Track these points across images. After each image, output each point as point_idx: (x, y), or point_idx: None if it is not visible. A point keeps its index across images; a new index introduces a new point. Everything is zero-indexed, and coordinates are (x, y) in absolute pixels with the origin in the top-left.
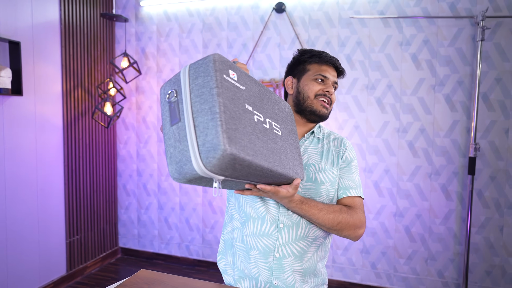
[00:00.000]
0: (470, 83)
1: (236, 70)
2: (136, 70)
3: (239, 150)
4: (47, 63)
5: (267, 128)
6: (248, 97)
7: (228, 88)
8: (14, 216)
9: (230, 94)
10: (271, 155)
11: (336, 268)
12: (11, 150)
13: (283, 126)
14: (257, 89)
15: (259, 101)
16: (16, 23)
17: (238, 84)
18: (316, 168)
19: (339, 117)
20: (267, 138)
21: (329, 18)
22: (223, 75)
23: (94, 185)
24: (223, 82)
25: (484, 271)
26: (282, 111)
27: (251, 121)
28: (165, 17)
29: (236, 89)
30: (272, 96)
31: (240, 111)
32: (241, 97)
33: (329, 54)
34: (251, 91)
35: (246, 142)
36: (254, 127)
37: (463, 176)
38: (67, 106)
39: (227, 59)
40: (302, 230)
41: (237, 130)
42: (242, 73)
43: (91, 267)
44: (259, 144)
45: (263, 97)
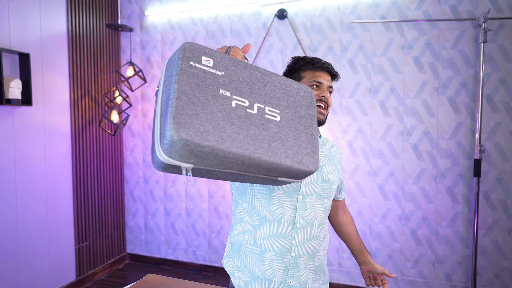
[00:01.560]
0: (474, 85)
1: (215, 56)
2: (141, 78)
3: (193, 135)
4: (55, 74)
5: (252, 113)
6: (227, 82)
7: (194, 75)
8: (25, 224)
9: (195, 80)
10: (252, 141)
11: (343, 272)
12: (22, 159)
13: (288, 111)
14: (247, 74)
15: (246, 86)
16: (26, 35)
17: (213, 70)
18: (327, 170)
19: (343, 121)
20: (249, 123)
21: (331, 23)
22: (190, 62)
23: (102, 192)
24: (187, 69)
25: (493, 274)
26: (291, 95)
27: (225, 106)
28: (169, 25)
29: (208, 75)
30: (275, 79)
31: (207, 96)
32: (213, 82)
33: (322, 60)
34: (234, 76)
35: (208, 128)
36: (228, 112)
37: (469, 178)
38: (75, 115)
39: (201, 46)
40: (315, 230)
41: (196, 115)
42: (224, 59)
43: (100, 273)
44: (231, 130)
45: (256, 81)
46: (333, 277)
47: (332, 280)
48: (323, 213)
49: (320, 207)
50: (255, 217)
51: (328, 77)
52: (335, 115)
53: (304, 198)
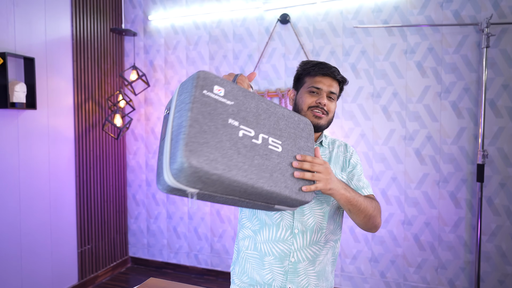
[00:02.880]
0: (477, 90)
1: (226, 86)
2: (144, 82)
3: (203, 163)
4: (59, 77)
5: (257, 144)
6: (236, 112)
7: (207, 103)
8: (28, 227)
9: (208, 109)
10: (256, 171)
11: (345, 277)
12: (26, 162)
13: (288, 142)
14: (254, 105)
15: (253, 116)
16: (31, 40)
17: (224, 99)
18: None
19: (345, 126)
20: (254, 153)
21: (333, 28)
22: (203, 90)
23: (105, 195)
24: (200, 98)
25: (496, 280)
26: (292, 126)
27: (233, 136)
28: (172, 30)
29: (219, 104)
30: (279, 111)
31: (218, 125)
32: (224, 112)
33: (328, 64)
34: (243, 106)
35: (217, 156)
36: (235, 141)
37: (472, 183)
38: (79, 119)
39: (214, 75)
40: (315, 235)
41: (206, 144)
42: (234, 89)
43: (102, 276)
44: (238, 159)
45: (262, 112)
46: (336, 282)
47: (335, 285)
48: (323, 218)
49: (319, 212)
50: (255, 222)
51: (330, 82)
52: (338, 119)
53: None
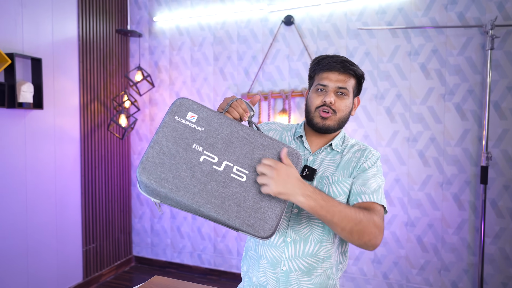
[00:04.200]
0: (481, 92)
1: (201, 113)
2: (149, 83)
3: (152, 180)
4: (66, 78)
5: (217, 170)
6: (203, 137)
7: (174, 128)
8: (34, 226)
9: (174, 133)
10: (206, 196)
11: (348, 278)
12: (32, 161)
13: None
14: (227, 132)
15: (222, 144)
16: (38, 40)
17: (194, 126)
18: (329, 181)
19: (349, 127)
20: (210, 179)
21: (337, 29)
22: (174, 116)
23: (109, 194)
24: (170, 123)
25: (500, 283)
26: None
27: (192, 160)
28: (177, 31)
29: (188, 130)
30: (258, 141)
31: (179, 149)
32: (190, 137)
33: (337, 57)
34: (214, 133)
35: (168, 176)
36: (193, 165)
37: (475, 185)
38: (84, 119)
39: (192, 102)
40: (311, 246)
41: (161, 164)
42: (210, 116)
43: (106, 275)
44: (189, 182)
45: (235, 140)
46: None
47: None
48: (322, 230)
49: (318, 223)
50: None
51: (339, 77)
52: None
53: (300, 212)
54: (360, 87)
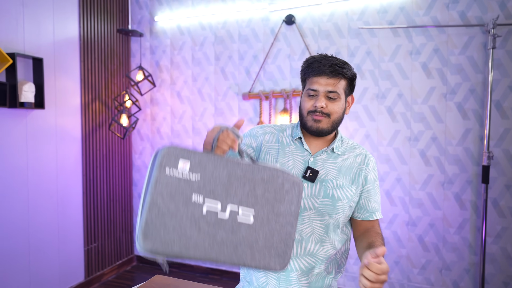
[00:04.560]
0: (482, 91)
1: (193, 158)
2: (150, 82)
3: (158, 246)
4: (67, 78)
5: (223, 219)
6: (202, 186)
7: (168, 184)
8: (36, 225)
9: (169, 189)
10: (217, 247)
11: (349, 278)
12: (34, 161)
13: (264, 210)
14: (225, 174)
15: (222, 187)
16: (39, 40)
17: (189, 175)
18: (333, 185)
19: (350, 127)
20: (218, 229)
21: (339, 29)
22: (165, 170)
23: (111, 194)
24: (161, 179)
25: (501, 282)
26: (272, 191)
27: (195, 214)
28: (178, 31)
29: (183, 182)
30: (257, 176)
31: (179, 205)
32: (187, 188)
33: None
34: (211, 178)
35: (174, 238)
36: (197, 219)
37: (477, 184)
38: (86, 118)
39: (180, 149)
40: (311, 246)
41: (164, 226)
42: (203, 160)
43: (108, 274)
44: (198, 237)
45: (234, 180)
46: (339, 282)
47: (338, 285)
48: (323, 231)
49: (320, 223)
50: None
51: (328, 81)
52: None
53: (302, 212)
54: (353, 86)
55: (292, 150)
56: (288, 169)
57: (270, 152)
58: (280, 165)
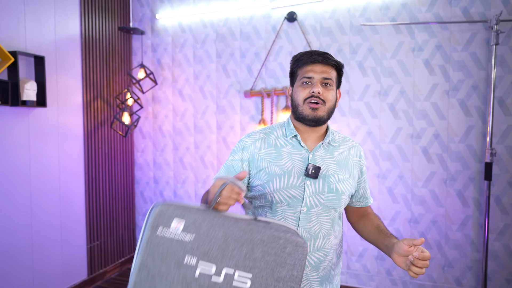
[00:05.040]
0: (485, 88)
1: (188, 217)
2: (152, 80)
3: None
4: (69, 76)
5: (217, 283)
6: (195, 247)
7: (159, 244)
8: (39, 223)
9: (160, 249)
10: None
11: (351, 275)
12: (36, 159)
13: (263, 274)
14: (221, 234)
15: (217, 249)
16: (41, 39)
17: (182, 236)
18: (336, 179)
19: (352, 124)
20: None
21: (340, 26)
22: (157, 230)
23: (113, 192)
24: (152, 239)
25: (504, 279)
26: (273, 253)
27: (187, 277)
28: (179, 28)
29: (175, 243)
30: (257, 237)
31: (170, 267)
32: (180, 249)
33: (317, 50)
34: (206, 239)
35: None
36: (189, 283)
37: (479, 181)
38: (88, 116)
39: (175, 206)
40: (319, 242)
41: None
42: (198, 220)
43: (111, 271)
44: None
45: (231, 242)
46: (342, 279)
47: (341, 283)
48: (329, 225)
49: (327, 218)
50: None
51: (322, 68)
52: (344, 117)
53: (309, 210)
54: (340, 79)
55: (289, 150)
56: (287, 170)
57: (265, 158)
58: (278, 168)
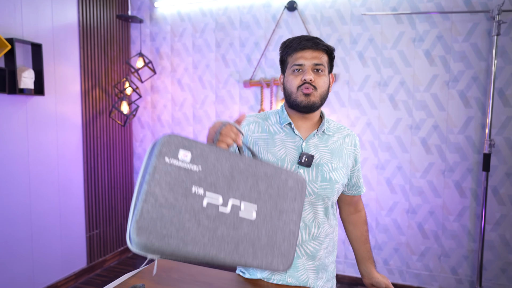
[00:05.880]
0: (485, 79)
1: (195, 149)
2: (151, 69)
3: (153, 240)
4: (67, 64)
5: (224, 213)
6: (202, 177)
7: (167, 173)
8: (38, 212)
9: (168, 178)
10: (218, 243)
11: (349, 264)
12: (35, 147)
13: (267, 206)
14: (227, 167)
15: (224, 181)
16: (38, 26)
17: (190, 166)
18: (329, 168)
19: (351, 114)
20: (219, 224)
21: (341, 15)
22: (165, 158)
23: (112, 181)
24: (160, 167)
25: (499, 269)
26: (275, 187)
27: (194, 206)
28: (178, 17)
29: (183, 172)
30: (260, 170)
31: (177, 196)
32: (187, 179)
33: (307, 36)
34: (213, 170)
35: (171, 231)
36: (197, 212)
37: (477, 172)
38: (86, 105)
39: (181, 138)
40: (314, 230)
41: (161, 218)
42: (205, 151)
43: (110, 260)
44: (197, 232)
45: (236, 174)
46: (339, 268)
47: (338, 272)
48: (323, 213)
49: (320, 207)
50: None
51: (313, 54)
52: (344, 108)
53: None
54: (332, 63)
55: (282, 137)
56: (281, 157)
57: (258, 142)
58: (271, 155)
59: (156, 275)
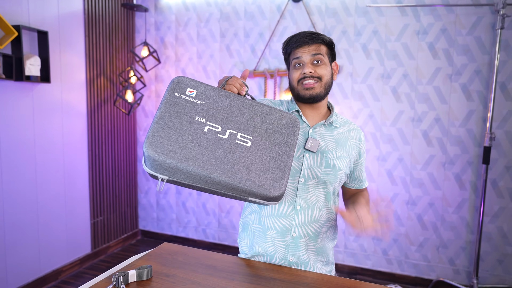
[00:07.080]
0: (488, 72)
1: (200, 88)
2: (155, 59)
3: (160, 153)
4: (72, 52)
5: (222, 138)
6: (205, 110)
7: (175, 104)
8: (43, 198)
9: (176, 108)
10: (215, 162)
11: (348, 254)
12: (40, 135)
13: (261, 138)
14: (227, 103)
15: (223, 114)
16: (44, 13)
17: (195, 100)
18: (333, 155)
19: (354, 106)
20: (217, 147)
21: (346, 7)
22: (174, 93)
23: (116, 169)
24: (170, 99)
25: (496, 260)
26: (270, 123)
27: (197, 131)
28: (183, 7)
29: (189, 104)
30: (257, 108)
31: (183, 122)
32: (192, 110)
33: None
34: (214, 105)
35: (176, 148)
36: (198, 136)
37: (477, 165)
38: (91, 94)
39: (189, 79)
40: (316, 213)
41: (168, 137)
42: (208, 91)
43: (114, 246)
44: (197, 151)
45: (235, 110)
46: (339, 258)
47: (338, 261)
48: (325, 198)
49: (322, 191)
50: None
51: (310, 47)
52: (347, 100)
53: (306, 181)
54: (334, 53)
55: None
56: None
57: None
58: None
59: (162, 258)
